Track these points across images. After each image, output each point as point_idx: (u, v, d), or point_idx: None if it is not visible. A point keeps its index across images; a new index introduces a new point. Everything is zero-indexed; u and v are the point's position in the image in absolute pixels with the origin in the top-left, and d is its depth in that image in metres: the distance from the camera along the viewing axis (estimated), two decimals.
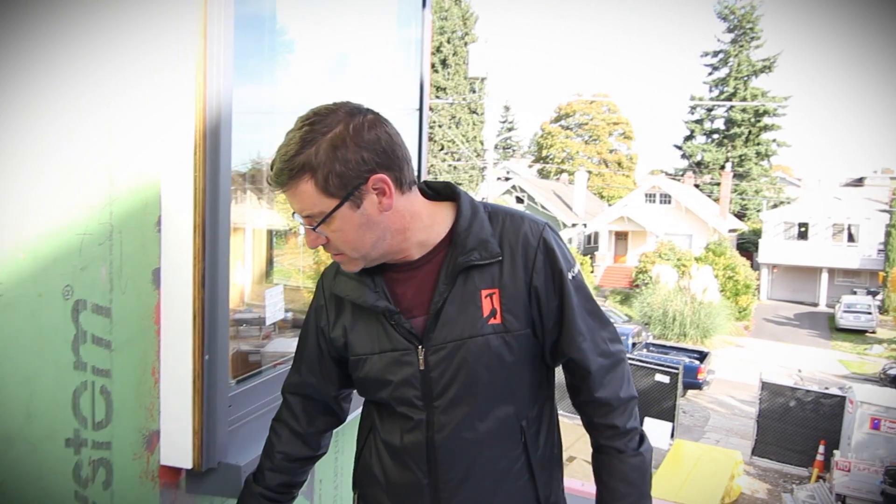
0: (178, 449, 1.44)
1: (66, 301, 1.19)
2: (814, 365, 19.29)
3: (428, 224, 1.21)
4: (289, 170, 1.10)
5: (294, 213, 1.16)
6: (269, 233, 2.66)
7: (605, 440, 1.26)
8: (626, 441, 1.25)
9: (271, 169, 1.13)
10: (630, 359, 13.53)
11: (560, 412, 1.40)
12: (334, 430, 1.46)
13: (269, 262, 2.19)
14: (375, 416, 1.31)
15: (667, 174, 42.57)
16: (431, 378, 1.19)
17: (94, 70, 1.23)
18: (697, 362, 15.95)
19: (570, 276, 1.22)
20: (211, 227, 1.42)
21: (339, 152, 1.08)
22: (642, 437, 1.28)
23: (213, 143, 1.39)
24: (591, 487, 1.37)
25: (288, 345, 2.37)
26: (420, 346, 1.19)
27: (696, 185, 40.02)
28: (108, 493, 1.31)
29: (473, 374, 1.19)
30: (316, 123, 1.10)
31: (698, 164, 43.56)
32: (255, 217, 2.46)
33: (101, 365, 1.27)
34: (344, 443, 2.17)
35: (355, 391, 1.38)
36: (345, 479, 2.15)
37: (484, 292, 1.18)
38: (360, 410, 1.45)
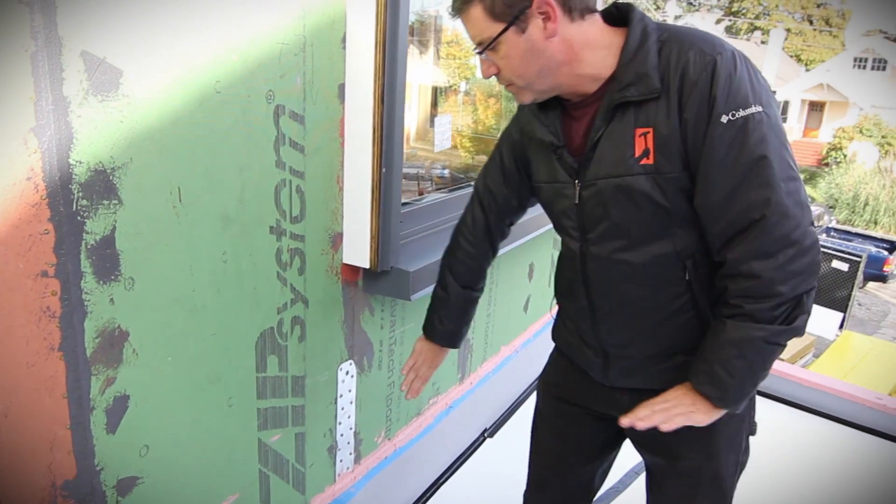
0: (357, 250, 1.63)
1: (269, 104, 1.33)
2: None
3: (602, 56, 1.15)
4: None
5: (474, 48, 1.17)
6: (434, 90, 2.70)
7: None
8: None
9: None
10: None
11: None
12: None
13: (431, 118, 2.27)
14: None
15: (886, 36, 36.53)
16: (585, 212, 1.21)
17: None
18: (886, 252, 14.48)
19: (724, 119, 1.05)
20: (391, 45, 1.49)
21: None
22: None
23: None
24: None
25: (443, 198, 2.47)
26: (576, 181, 1.20)
27: None
28: (302, 278, 1.53)
29: (623, 212, 1.17)
30: None
31: None
32: (420, 73, 2.51)
33: (297, 167, 1.44)
34: None
35: None
36: None
37: (638, 131, 1.12)
38: None
